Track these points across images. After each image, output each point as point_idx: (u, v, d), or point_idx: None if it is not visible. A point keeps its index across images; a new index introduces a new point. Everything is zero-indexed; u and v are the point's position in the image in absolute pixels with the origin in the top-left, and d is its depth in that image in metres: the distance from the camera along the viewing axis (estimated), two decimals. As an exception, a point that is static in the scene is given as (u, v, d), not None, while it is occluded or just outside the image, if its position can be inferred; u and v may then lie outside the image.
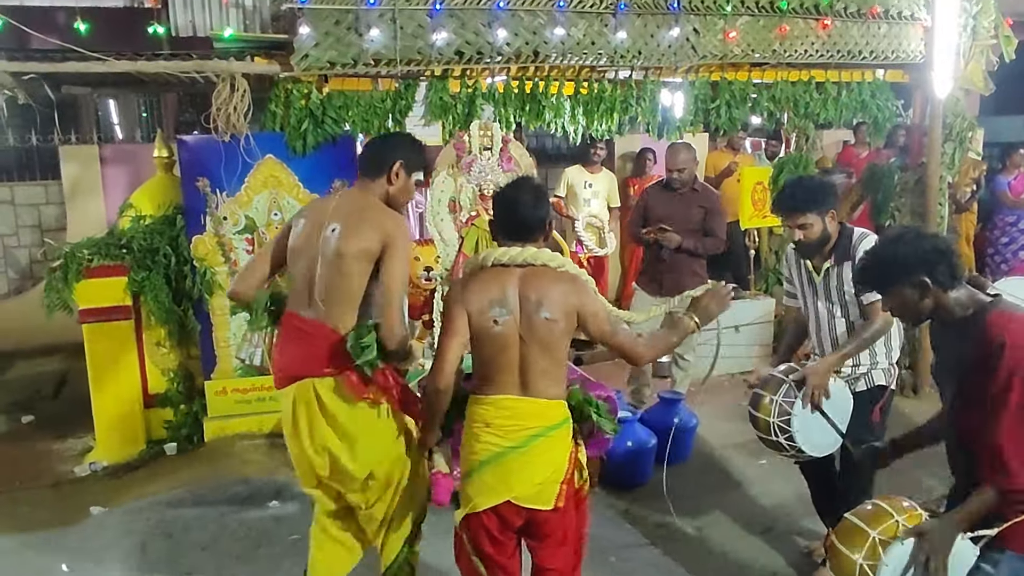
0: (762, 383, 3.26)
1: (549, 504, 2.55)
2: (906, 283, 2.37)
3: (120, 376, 4.87)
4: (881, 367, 3.37)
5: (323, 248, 2.72)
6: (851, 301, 3.32)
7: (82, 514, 4.18)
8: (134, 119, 9.16)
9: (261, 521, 4.10)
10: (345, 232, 2.71)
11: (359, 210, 2.75)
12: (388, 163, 2.82)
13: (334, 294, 2.71)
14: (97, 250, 4.73)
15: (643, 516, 4.17)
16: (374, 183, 2.83)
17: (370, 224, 2.70)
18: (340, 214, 2.76)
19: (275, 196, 4.87)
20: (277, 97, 4.75)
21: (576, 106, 5.31)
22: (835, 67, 5.69)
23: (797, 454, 3.22)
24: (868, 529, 2.39)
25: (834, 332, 3.39)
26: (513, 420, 2.54)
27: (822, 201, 3.26)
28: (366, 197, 2.82)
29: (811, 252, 3.37)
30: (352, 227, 2.71)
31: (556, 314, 2.50)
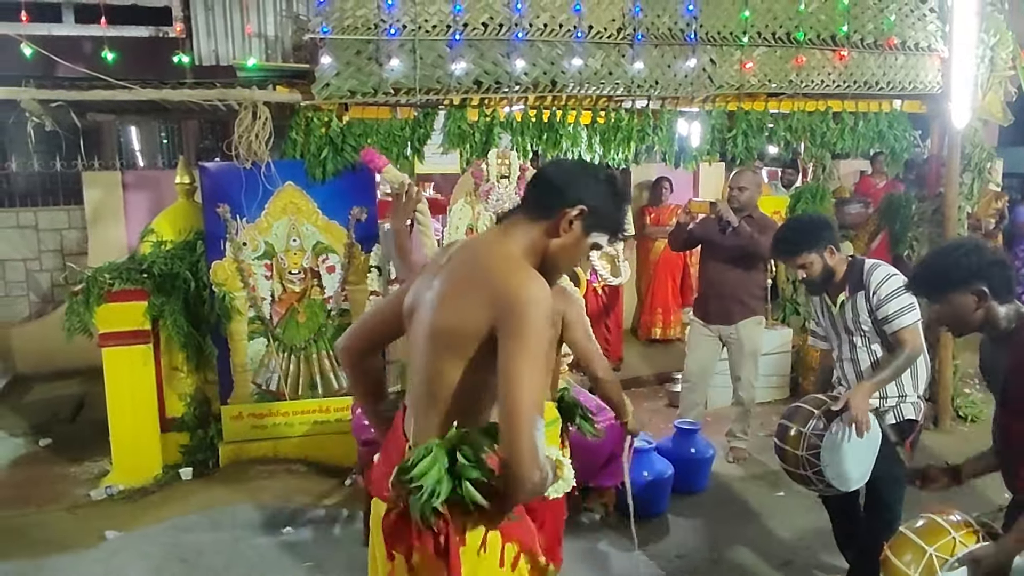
0: (789, 415, 3.22)
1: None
2: (965, 290, 2.40)
3: (137, 400, 4.90)
4: (910, 400, 3.34)
5: (421, 316, 1.94)
6: (870, 332, 3.31)
7: (97, 538, 4.19)
8: (155, 146, 9.32)
9: (275, 547, 4.10)
10: (441, 294, 1.87)
11: (475, 263, 1.87)
12: (563, 202, 1.88)
13: (420, 382, 1.93)
14: (118, 274, 4.77)
15: (660, 548, 4.13)
16: (529, 226, 1.90)
17: (480, 287, 1.80)
18: (449, 266, 1.92)
19: (294, 222, 4.92)
20: (298, 125, 4.82)
21: (593, 135, 5.34)
22: (852, 97, 5.70)
23: (825, 488, 3.15)
24: (924, 545, 2.38)
25: (858, 365, 3.38)
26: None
27: (816, 239, 3.31)
28: (501, 244, 1.89)
29: (817, 288, 3.43)
30: (453, 289, 1.86)
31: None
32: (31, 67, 4.80)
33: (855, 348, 3.37)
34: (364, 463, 4.04)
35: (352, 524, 4.31)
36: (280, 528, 4.26)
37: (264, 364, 5.02)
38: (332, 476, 4.85)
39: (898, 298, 3.21)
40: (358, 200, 4.96)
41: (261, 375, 5.03)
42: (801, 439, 3.08)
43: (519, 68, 4.87)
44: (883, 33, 5.58)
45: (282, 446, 5.02)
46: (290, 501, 4.52)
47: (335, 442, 4.95)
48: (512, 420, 1.67)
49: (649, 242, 7.79)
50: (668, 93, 5.29)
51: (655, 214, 7.77)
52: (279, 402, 5.04)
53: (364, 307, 4.85)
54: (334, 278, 5.02)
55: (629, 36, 5.05)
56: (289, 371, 5.03)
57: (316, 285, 5.02)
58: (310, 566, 3.92)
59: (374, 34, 4.64)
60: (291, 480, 4.78)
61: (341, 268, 5.01)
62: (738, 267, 4.99)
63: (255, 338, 4.99)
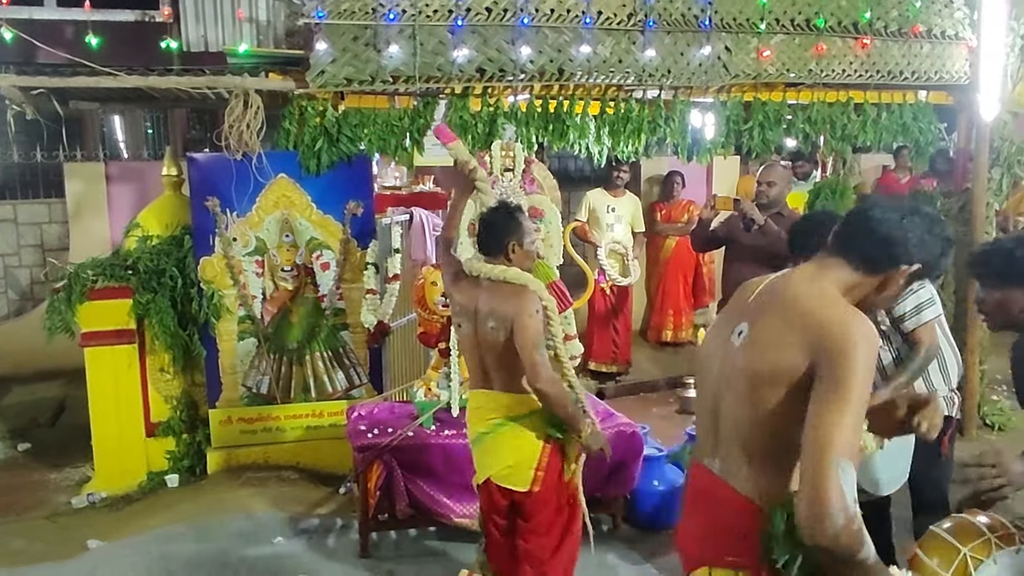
0: None
1: (524, 487, 3.06)
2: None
3: (121, 403, 4.91)
4: (942, 396, 3.34)
5: (726, 362, 1.90)
6: (890, 329, 3.31)
7: (79, 548, 4.18)
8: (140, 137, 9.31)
9: (265, 558, 4.09)
10: (753, 338, 1.84)
11: (790, 302, 1.82)
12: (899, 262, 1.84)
13: (742, 435, 1.85)
14: (102, 271, 4.78)
15: (670, 561, 4.12)
16: (850, 272, 1.86)
17: (798, 326, 1.76)
18: (759, 307, 1.88)
19: (287, 217, 4.92)
20: (291, 114, 4.82)
21: (601, 126, 5.34)
22: (875, 88, 5.69)
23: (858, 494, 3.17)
24: (959, 545, 2.36)
25: (879, 362, 3.36)
26: (481, 410, 3.14)
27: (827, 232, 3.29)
28: (817, 284, 1.84)
29: None
30: (765, 330, 1.82)
31: (498, 325, 2.99)
32: (11, 52, 4.81)
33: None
34: (359, 470, 4.04)
35: (347, 534, 4.31)
36: (271, 538, 4.26)
37: (255, 366, 5.02)
38: (326, 484, 4.84)
39: (916, 293, 3.20)
40: (354, 194, 4.96)
41: (251, 377, 5.03)
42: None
43: (524, 55, 4.87)
44: (908, 20, 5.57)
45: (273, 452, 5.02)
46: (282, 510, 4.52)
47: (329, 448, 4.95)
48: (821, 466, 1.63)
49: (660, 240, 7.78)
50: (681, 82, 5.28)
51: (666, 210, 7.76)
52: (270, 406, 5.04)
53: (360, 306, 4.84)
54: (329, 276, 5.02)
55: (640, 22, 5.05)
56: (281, 373, 5.03)
57: (310, 283, 5.02)
58: (303, 578, 3.92)
59: (372, 19, 4.64)
60: (283, 488, 4.78)
61: (336, 265, 5.01)
62: (764, 268, 4.82)
63: (245, 338, 4.99)
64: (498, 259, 3.13)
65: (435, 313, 4.30)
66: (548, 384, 2.95)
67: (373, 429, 4.20)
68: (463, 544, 4.15)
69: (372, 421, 4.31)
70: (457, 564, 4.01)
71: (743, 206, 4.78)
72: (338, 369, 5.11)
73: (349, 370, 5.13)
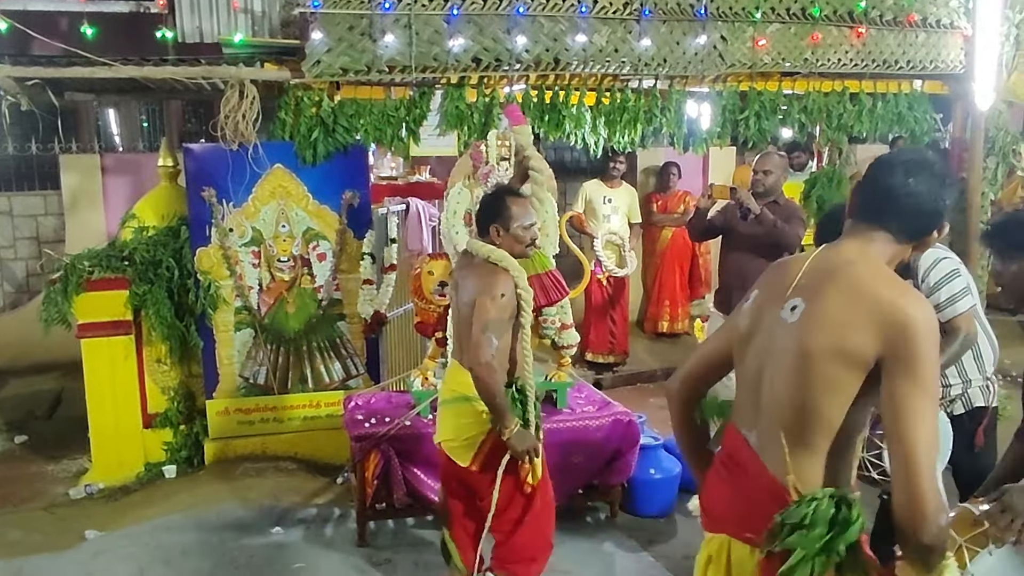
0: None
1: (464, 462, 3.11)
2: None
3: (118, 394, 4.91)
4: (977, 385, 3.30)
5: (774, 337, 1.87)
6: None
7: (77, 538, 4.19)
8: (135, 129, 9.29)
9: (264, 548, 4.10)
10: (811, 315, 1.80)
11: (844, 280, 1.79)
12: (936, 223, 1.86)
13: (782, 414, 1.82)
14: (98, 262, 4.78)
15: (667, 549, 4.14)
16: (893, 242, 1.86)
17: (861, 307, 1.74)
18: (811, 283, 1.85)
19: (283, 207, 4.92)
20: (287, 105, 4.82)
21: (598, 116, 5.34)
22: (870, 77, 5.71)
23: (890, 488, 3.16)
24: (955, 535, 2.36)
25: None
26: (449, 380, 3.23)
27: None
28: (874, 262, 1.83)
29: None
30: (825, 308, 1.78)
31: (468, 300, 3.07)
32: (6, 43, 4.80)
33: None
34: (356, 459, 4.05)
35: (344, 523, 4.32)
36: (269, 528, 4.27)
37: (252, 356, 5.02)
38: (323, 474, 4.86)
39: (950, 283, 3.17)
40: (351, 184, 4.96)
41: (248, 368, 5.03)
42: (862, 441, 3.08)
43: (520, 45, 4.87)
44: (903, 9, 5.58)
45: (271, 443, 5.03)
46: (279, 500, 4.53)
47: (326, 438, 4.96)
48: (912, 461, 1.63)
49: (656, 231, 7.78)
50: (677, 72, 5.29)
51: (662, 201, 7.76)
52: (267, 396, 5.05)
53: (356, 296, 4.85)
54: (325, 266, 5.02)
55: (636, 11, 5.05)
56: (278, 364, 5.04)
57: (306, 273, 5.02)
58: (301, 567, 3.93)
59: (367, 8, 4.64)
60: (280, 478, 4.79)
61: (332, 255, 5.01)
62: (761, 257, 4.71)
63: (242, 329, 4.99)
64: (486, 240, 3.17)
65: (431, 303, 4.31)
66: (481, 368, 2.95)
67: (370, 419, 4.21)
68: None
69: (369, 411, 4.32)
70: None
71: (739, 195, 4.76)
72: (335, 359, 5.12)
73: (346, 360, 5.13)
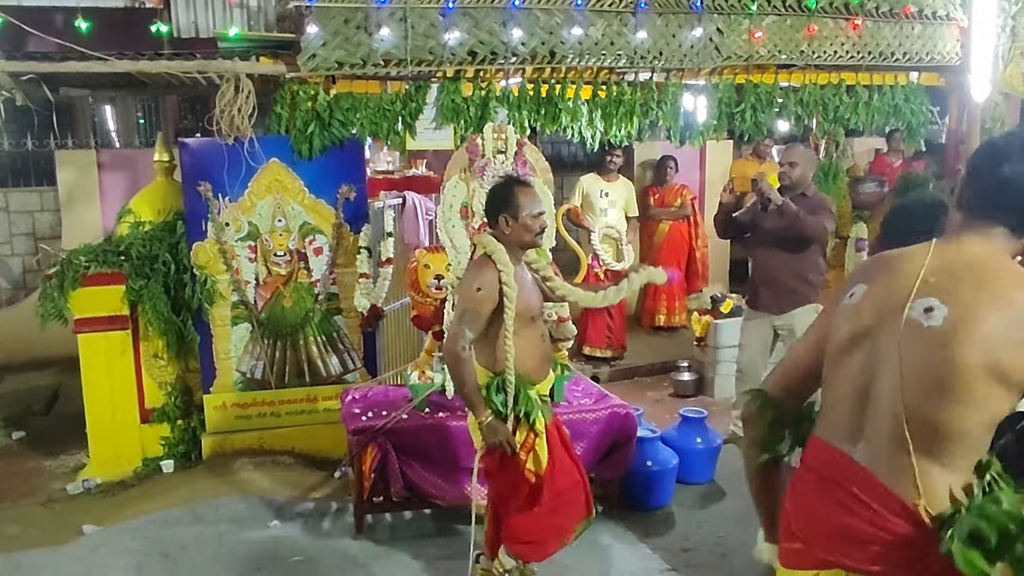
0: None
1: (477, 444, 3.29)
2: None
3: (115, 389, 4.91)
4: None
5: (899, 340, 1.66)
6: None
7: (75, 533, 4.21)
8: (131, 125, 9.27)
9: (261, 542, 4.12)
10: (961, 324, 1.59)
11: (990, 285, 1.62)
12: None
13: (913, 428, 1.62)
14: (94, 257, 4.79)
15: (664, 541, 4.16)
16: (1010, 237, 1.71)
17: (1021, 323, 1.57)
18: (945, 283, 1.66)
19: (279, 201, 4.92)
20: (283, 99, 4.82)
21: (594, 110, 5.35)
22: (866, 69, 5.71)
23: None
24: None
25: None
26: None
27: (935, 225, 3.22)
28: (997, 260, 1.68)
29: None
30: (978, 319, 1.58)
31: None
32: (0, 39, 4.78)
33: None
34: (354, 453, 4.06)
35: (342, 517, 4.33)
36: (267, 522, 4.29)
37: (248, 351, 5.03)
38: (321, 468, 4.87)
39: None
40: (347, 178, 4.96)
41: (245, 363, 5.04)
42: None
43: (516, 38, 4.87)
44: (899, 1, 5.58)
45: (268, 437, 5.04)
46: (277, 494, 4.54)
47: (324, 433, 4.97)
48: None
49: (653, 224, 7.79)
50: (673, 64, 5.29)
51: (659, 195, 7.78)
52: (264, 391, 5.06)
53: (353, 290, 4.86)
54: (322, 260, 5.03)
55: (632, 4, 5.05)
56: (275, 358, 5.05)
57: (303, 268, 5.03)
58: (299, 560, 3.94)
59: (363, 2, 4.63)
60: (278, 472, 4.80)
61: (329, 250, 5.01)
62: (789, 251, 4.75)
63: (239, 324, 5.00)
64: (496, 231, 3.19)
65: (428, 296, 4.32)
66: (450, 356, 3.06)
67: (368, 412, 4.22)
68: (458, 526, 4.19)
69: (367, 404, 4.33)
70: (452, 545, 4.05)
71: (761, 185, 4.74)
72: (332, 354, 5.13)
73: (343, 354, 5.14)
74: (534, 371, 3.26)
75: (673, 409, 5.54)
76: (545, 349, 3.35)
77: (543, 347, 3.33)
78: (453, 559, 3.91)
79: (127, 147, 8.42)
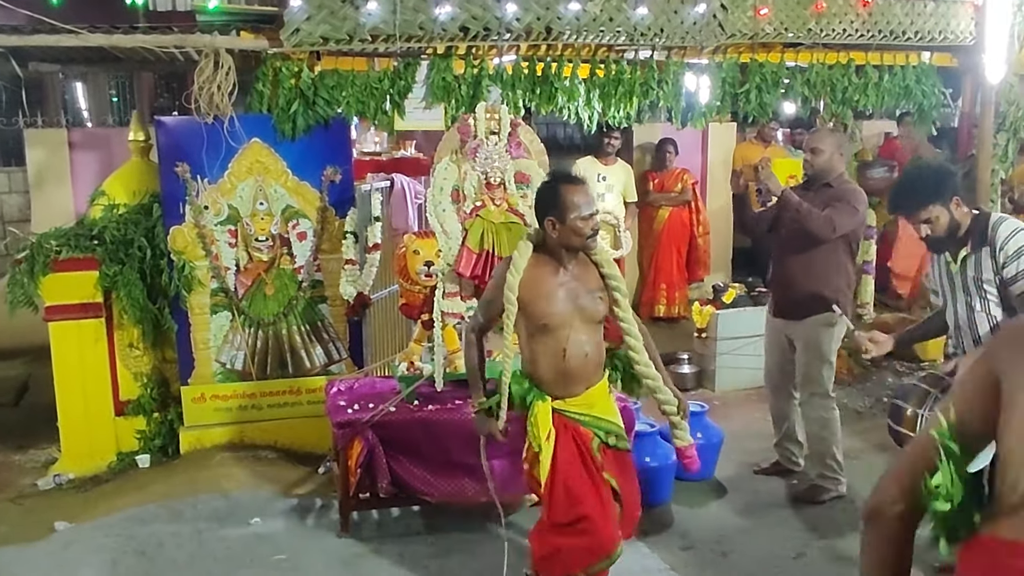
0: (903, 395, 3.25)
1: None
2: None
3: (88, 380, 4.90)
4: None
5: None
6: (993, 293, 3.31)
7: (46, 530, 4.20)
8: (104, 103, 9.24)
9: (242, 539, 4.12)
10: None
11: None
12: None
13: None
14: (66, 241, 4.77)
15: (662, 538, 4.18)
16: None
17: None
18: None
19: (261, 184, 4.91)
20: (264, 76, 4.80)
21: (591, 89, 5.35)
22: (876, 49, 5.72)
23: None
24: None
25: (975, 329, 3.36)
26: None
27: (944, 189, 3.28)
28: None
29: (941, 246, 3.39)
30: None
31: None
32: (-34, 10, 4.75)
33: (973, 311, 3.37)
34: (339, 447, 4.06)
35: (327, 514, 4.34)
36: (248, 519, 4.28)
37: (228, 341, 5.02)
38: (305, 464, 4.87)
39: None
40: (332, 159, 4.95)
41: (225, 353, 5.03)
42: (919, 421, 3.14)
43: (510, 13, 4.86)
44: (911, -23, 5.59)
45: (249, 431, 5.04)
46: (259, 490, 4.54)
47: (307, 426, 4.97)
48: None
49: (652, 210, 7.80)
50: (674, 42, 5.29)
51: (659, 179, 7.78)
52: (245, 382, 5.06)
53: (338, 277, 4.85)
54: (305, 246, 5.02)
55: (632, -22, 5.04)
56: (256, 348, 5.04)
57: (286, 253, 5.02)
58: (281, 559, 3.95)
59: (349, -27, 4.62)
60: (259, 468, 4.80)
61: (313, 235, 5.01)
62: (798, 250, 4.45)
63: (218, 312, 4.99)
64: (544, 234, 3.14)
65: (417, 283, 4.31)
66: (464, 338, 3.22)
67: (353, 404, 4.22)
68: (447, 523, 4.20)
69: (352, 396, 4.34)
70: (441, 543, 4.06)
71: (762, 172, 4.52)
72: (316, 344, 5.13)
73: (328, 345, 5.14)
74: (550, 383, 3.16)
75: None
76: (568, 366, 3.13)
77: (563, 362, 3.13)
78: (442, 557, 3.94)
79: (100, 126, 8.39)
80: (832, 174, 4.46)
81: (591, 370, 3.20)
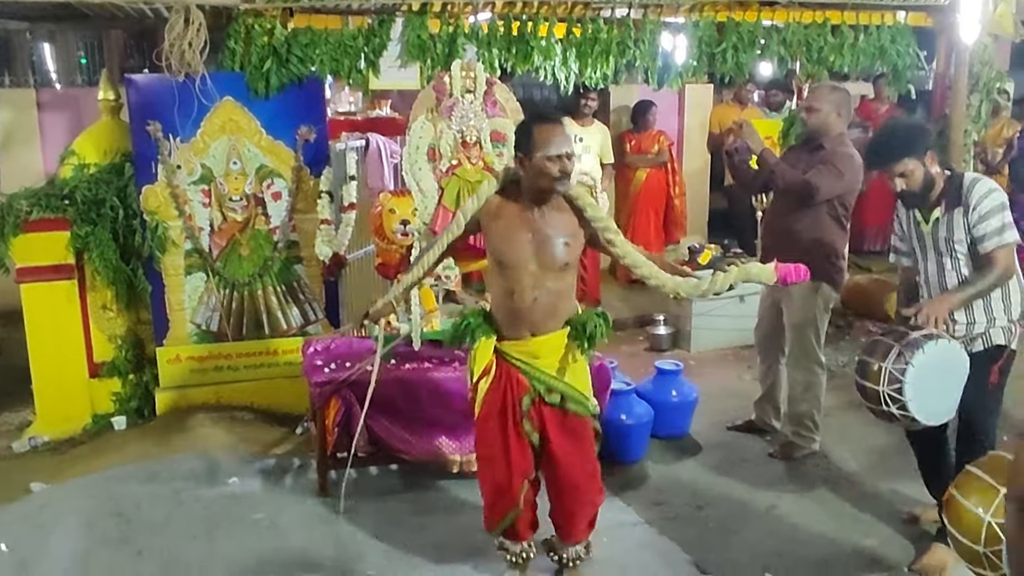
0: (869, 349, 3.29)
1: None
2: None
3: (62, 342, 4.87)
4: (1000, 325, 3.38)
5: None
6: (963, 252, 3.35)
7: (22, 491, 4.19)
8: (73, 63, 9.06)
9: (220, 499, 4.13)
10: None
11: None
12: None
13: None
14: (36, 201, 4.70)
15: (638, 494, 4.24)
16: None
17: None
18: None
19: (234, 143, 4.85)
20: (236, 33, 4.73)
21: (568, 49, 5.31)
22: (852, 8, 5.72)
23: (911, 423, 3.26)
24: (996, 485, 2.36)
25: (945, 287, 3.41)
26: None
27: (916, 144, 3.30)
28: None
29: (916, 201, 3.41)
30: None
31: None
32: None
33: (943, 271, 3.41)
34: (316, 406, 4.07)
35: (305, 474, 4.35)
36: (226, 479, 4.29)
37: (204, 302, 4.99)
38: (282, 424, 4.88)
39: (999, 215, 3.25)
40: (306, 118, 4.90)
41: (200, 314, 5.01)
42: (882, 374, 3.16)
43: (486, -30, 4.81)
44: (888, -64, 5.58)
45: (225, 392, 5.03)
46: (236, 451, 4.55)
47: (284, 387, 4.98)
48: None
49: (629, 172, 7.78)
50: (651, 0, 5.25)
51: (636, 141, 7.76)
52: (221, 343, 5.04)
53: (314, 237, 4.83)
54: (280, 206, 4.98)
55: (608, -65, 5.00)
56: (232, 309, 5.02)
57: (260, 214, 4.98)
58: (259, 518, 3.97)
59: (322, -72, 4.54)
60: (236, 428, 4.80)
61: (288, 194, 4.97)
62: (790, 212, 4.37)
63: (193, 273, 4.96)
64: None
65: (393, 243, 4.30)
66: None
67: (330, 364, 4.22)
68: (425, 480, 4.24)
69: (329, 356, 4.33)
70: (419, 501, 4.10)
71: (744, 130, 4.45)
72: (292, 304, 5.11)
73: (304, 305, 5.13)
74: (500, 322, 3.20)
75: (648, 363, 5.60)
76: (514, 306, 3.13)
77: (510, 301, 3.13)
78: (421, 515, 3.97)
79: (69, 87, 8.25)
80: (828, 134, 4.35)
81: (538, 317, 3.15)
